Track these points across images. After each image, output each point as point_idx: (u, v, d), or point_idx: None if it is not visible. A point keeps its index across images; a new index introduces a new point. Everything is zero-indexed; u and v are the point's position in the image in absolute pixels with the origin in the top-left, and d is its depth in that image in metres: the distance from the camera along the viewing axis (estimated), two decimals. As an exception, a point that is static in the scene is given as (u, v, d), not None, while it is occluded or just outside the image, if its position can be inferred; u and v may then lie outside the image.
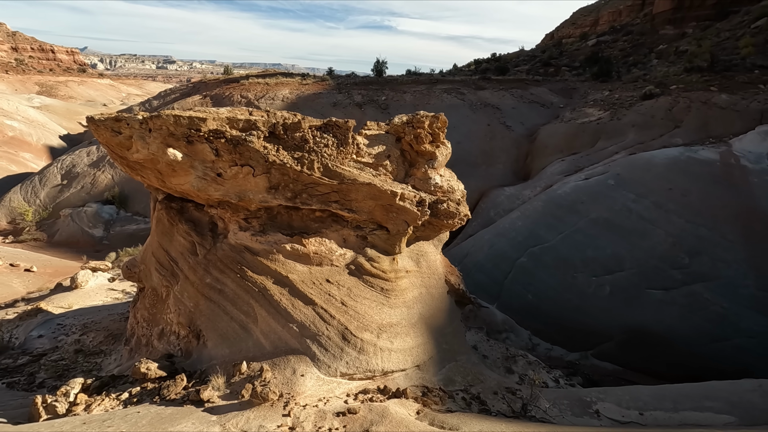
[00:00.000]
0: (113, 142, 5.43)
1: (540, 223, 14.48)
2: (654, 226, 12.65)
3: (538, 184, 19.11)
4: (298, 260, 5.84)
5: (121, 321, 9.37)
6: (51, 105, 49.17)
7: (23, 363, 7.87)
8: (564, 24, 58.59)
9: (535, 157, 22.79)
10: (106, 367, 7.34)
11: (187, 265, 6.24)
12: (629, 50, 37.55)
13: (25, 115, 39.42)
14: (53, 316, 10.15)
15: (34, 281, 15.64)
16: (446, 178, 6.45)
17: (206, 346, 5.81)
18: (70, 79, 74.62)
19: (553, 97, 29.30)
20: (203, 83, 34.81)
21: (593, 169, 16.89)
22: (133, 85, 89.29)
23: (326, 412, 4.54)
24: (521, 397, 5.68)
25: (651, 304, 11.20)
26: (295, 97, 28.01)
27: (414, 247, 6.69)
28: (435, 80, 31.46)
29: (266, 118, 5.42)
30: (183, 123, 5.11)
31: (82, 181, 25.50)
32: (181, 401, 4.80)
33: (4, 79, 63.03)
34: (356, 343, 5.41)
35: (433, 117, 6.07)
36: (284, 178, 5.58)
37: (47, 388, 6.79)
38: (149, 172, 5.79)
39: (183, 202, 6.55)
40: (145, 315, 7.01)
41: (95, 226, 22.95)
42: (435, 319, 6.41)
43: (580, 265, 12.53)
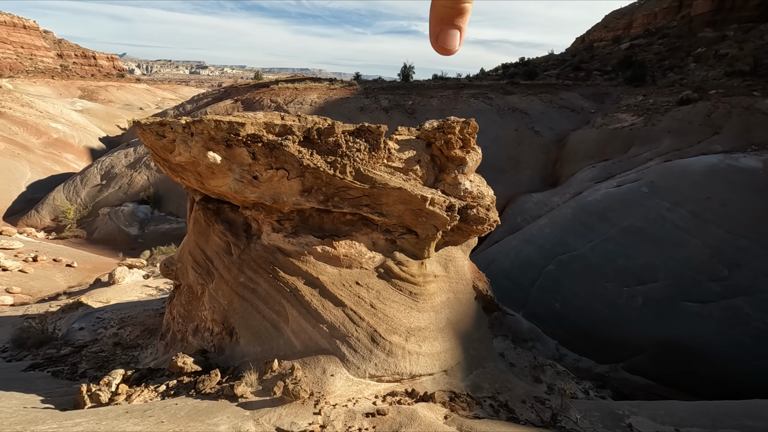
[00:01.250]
0: (157, 145, 5.70)
1: (569, 230, 14.19)
2: (690, 236, 12.20)
3: (567, 190, 18.73)
4: (328, 262, 5.96)
5: (155, 316, 9.75)
6: (92, 108, 51.67)
7: (66, 353, 8.30)
8: (596, 27, 57.30)
9: (565, 163, 22.35)
10: (143, 360, 7.65)
11: (222, 264, 6.46)
12: (665, 54, 36.39)
13: (69, 118, 41.58)
14: (93, 310, 10.66)
15: (75, 276, 16.46)
16: (476, 183, 6.45)
17: (239, 343, 5.99)
18: (109, 83, 78.21)
19: (584, 102, 28.69)
20: (234, 88, 35.84)
21: (626, 176, 16.43)
22: (168, 89, 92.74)
23: (356, 413, 4.61)
24: (551, 407, 5.60)
25: (686, 317, 10.78)
26: (323, 101, 28.48)
27: (443, 252, 6.71)
28: (462, 85, 31.35)
29: (301, 124, 5.58)
30: (223, 127, 5.32)
31: (120, 181, 26.66)
32: (215, 395, 4.97)
33: (50, 84, 66.66)
34: (385, 346, 5.46)
35: (463, 122, 6.09)
36: (317, 182, 5.72)
37: (89, 377, 7.14)
38: (189, 174, 6.04)
39: (219, 204, 6.80)
40: (181, 311, 7.28)
41: (131, 224, 23.94)
42: (463, 324, 6.39)
43: (610, 275, 12.21)
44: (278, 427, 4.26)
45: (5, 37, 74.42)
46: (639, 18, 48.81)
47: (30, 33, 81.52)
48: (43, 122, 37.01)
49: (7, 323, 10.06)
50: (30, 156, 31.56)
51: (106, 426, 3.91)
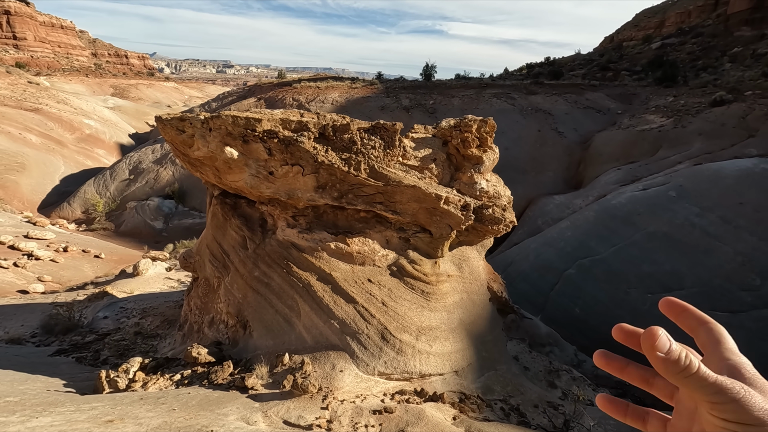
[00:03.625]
0: (177, 140, 5.84)
1: (591, 234, 13.83)
2: (721, 243, 11.70)
3: (590, 193, 18.26)
4: (341, 259, 5.98)
5: (175, 308, 10.00)
6: (122, 106, 53.49)
7: (90, 341, 8.61)
8: (625, 26, 55.66)
9: (589, 165, 21.79)
10: (161, 350, 7.86)
11: (237, 258, 6.56)
12: (698, 53, 35.04)
13: (101, 115, 43.15)
14: (117, 300, 11.03)
15: (102, 267, 17.06)
16: (492, 183, 6.36)
17: (252, 336, 6.08)
18: (140, 82, 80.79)
19: (611, 102, 27.91)
20: (258, 86, 36.45)
21: (653, 180, 15.89)
22: (195, 88, 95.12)
23: (363, 409, 4.61)
24: (564, 413, 5.47)
25: (714, 327, 10.34)
26: (344, 100, 28.64)
27: (457, 252, 6.64)
28: (485, 84, 30.98)
29: (317, 120, 5.61)
30: (240, 123, 5.40)
31: (147, 176, 27.48)
32: (227, 386, 5.06)
33: (84, 82, 69.33)
34: (395, 344, 5.44)
35: (481, 121, 6.01)
36: (332, 178, 5.74)
37: (110, 364, 7.38)
38: (208, 168, 6.17)
39: (236, 199, 6.92)
40: (198, 303, 7.44)
41: (156, 218, 24.65)
42: (475, 325, 6.31)
43: (634, 281, 11.83)
44: (286, 419, 4.30)
45: (44, 36, 77.85)
46: (672, 16, 47.14)
47: (67, 33, 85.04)
48: (77, 119, 38.54)
49: (37, 310, 10.51)
50: (64, 151, 32.91)
51: (120, 411, 4.02)
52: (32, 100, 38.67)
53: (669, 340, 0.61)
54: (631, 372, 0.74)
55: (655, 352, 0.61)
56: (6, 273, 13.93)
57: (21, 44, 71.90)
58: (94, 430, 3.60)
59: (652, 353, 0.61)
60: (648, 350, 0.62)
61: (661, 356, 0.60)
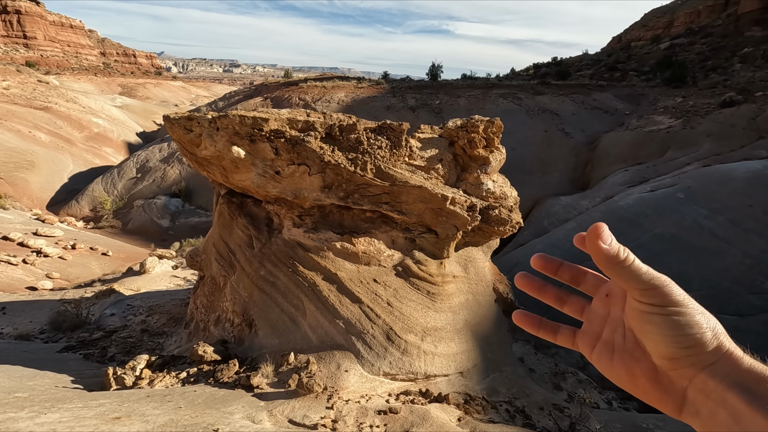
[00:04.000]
0: (185, 139, 5.88)
1: (598, 235, 13.73)
2: (729, 246, 11.58)
3: (597, 194, 18.14)
4: (347, 258, 5.99)
5: (181, 306, 10.07)
6: (130, 105, 53.91)
7: (97, 337, 8.69)
8: (634, 26, 55.21)
9: (596, 166, 21.65)
10: (168, 347, 7.91)
11: (243, 257, 6.59)
12: (708, 54, 34.68)
13: (109, 113, 43.52)
14: (124, 297, 11.11)
15: (109, 264, 17.21)
16: (499, 183, 6.33)
17: (257, 335, 6.11)
18: (147, 81, 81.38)
19: (618, 103, 27.71)
20: (264, 86, 36.57)
21: (660, 181, 15.76)
22: (202, 87, 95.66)
23: (368, 409, 4.61)
24: (569, 416, 5.43)
25: (722, 330, 10.24)
26: (350, 100, 28.67)
27: (462, 253, 6.62)
28: (491, 85, 30.88)
29: (323, 120, 5.62)
30: (247, 123, 5.42)
31: (154, 175, 27.68)
32: (232, 385, 5.08)
33: (93, 81, 69.97)
34: (400, 344, 5.44)
35: (488, 121, 5.99)
36: (338, 178, 5.75)
37: (117, 361, 7.44)
38: (215, 168, 6.20)
39: (243, 198, 6.94)
40: (204, 302, 7.48)
41: (163, 217, 24.83)
42: (481, 326, 6.29)
43: (640, 283, 11.73)
44: (291, 419, 4.31)
45: (54, 36, 78.64)
46: (681, 16, 46.69)
47: (76, 32, 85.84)
48: (85, 117, 38.89)
49: (45, 306, 10.63)
50: (72, 149, 33.23)
51: (127, 408, 4.06)
52: (42, 98, 39.09)
53: (611, 236, 0.67)
54: (548, 291, 0.82)
55: (599, 242, 0.66)
56: (15, 270, 14.10)
57: (31, 43, 72.69)
58: (102, 426, 3.64)
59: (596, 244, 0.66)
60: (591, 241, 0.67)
61: (604, 247, 0.65)
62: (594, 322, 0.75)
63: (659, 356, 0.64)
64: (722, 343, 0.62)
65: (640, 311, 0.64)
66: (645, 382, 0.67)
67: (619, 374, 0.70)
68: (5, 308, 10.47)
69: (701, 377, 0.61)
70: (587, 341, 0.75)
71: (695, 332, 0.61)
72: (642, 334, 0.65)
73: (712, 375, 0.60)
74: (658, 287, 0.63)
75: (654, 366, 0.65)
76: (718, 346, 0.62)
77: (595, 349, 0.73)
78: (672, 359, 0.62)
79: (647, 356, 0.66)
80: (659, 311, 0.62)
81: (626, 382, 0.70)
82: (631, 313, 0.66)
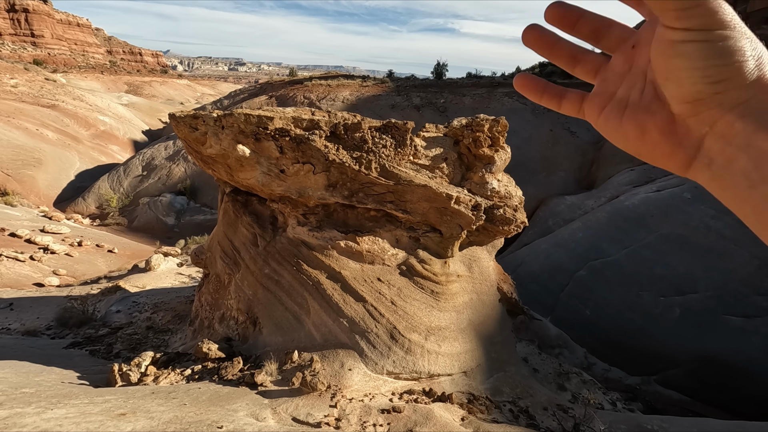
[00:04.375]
0: (190, 137, 5.90)
1: (603, 235, 13.66)
2: (737, 247, 11.46)
3: (603, 194, 18.03)
4: (351, 257, 5.99)
5: (186, 303, 10.12)
6: (136, 103, 54.21)
7: (103, 334, 8.75)
8: (642, 23, 54.76)
9: (602, 165, 21.52)
10: (172, 344, 7.96)
11: (248, 255, 6.61)
12: (716, 52, 34.32)
13: (115, 111, 43.79)
14: (129, 294, 11.19)
15: (115, 261, 17.33)
16: (504, 183, 6.31)
17: (261, 333, 6.13)
18: (153, 79, 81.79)
19: (625, 102, 27.49)
20: (269, 84, 36.63)
21: (667, 181, 15.63)
22: (207, 85, 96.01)
23: (371, 408, 4.61)
24: (573, 416, 5.41)
25: (728, 332, 10.15)
26: (354, 98, 28.65)
27: (467, 252, 6.60)
28: (496, 83, 30.74)
29: (328, 119, 5.62)
30: (252, 121, 5.43)
31: (159, 172, 27.83)
32: (237, 382, 5.10)
33: (99, 79, 70.42)
34: (404, 343, 5.44)
35: (493, 120, 5.96)
36: (342, 177, 5.75)
37: (122, 358, 7.50)
38: (220, 166, 6.22)
39: (248, 196, 6.96)
40: (209, 299, 7.51)
41: (168, 214, 24.96)
42: (485, 326, 6.28)
43: (646, 283, 11.66)
44: (294, 416, 4.32)
45: (61, 34, 79.18)
46: (689, 14, 46.27)
47: (83, 31, 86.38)
48: (92, 115, 39.15)
49: (52, 303, 10.72)
50: (79, 147, 33.47)
51: (133, 405, 4.08)
52: (49, 96, 39.39)
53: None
54: (561, 48, 0.72)
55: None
56: (23, 266, 14.23)
57: (39, 42, 73.24)
58: (107, 422, 3.66)
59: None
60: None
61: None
62: (609, 81, 0.68)
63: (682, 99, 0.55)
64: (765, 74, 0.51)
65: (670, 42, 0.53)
66: (657, 135, 0.60)
67: (627, 132, 0.63)
68: (13, 304, 10.58)
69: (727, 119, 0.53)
70: (596, 103, 0.68)
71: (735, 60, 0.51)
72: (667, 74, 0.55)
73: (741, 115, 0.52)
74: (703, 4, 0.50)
75: (671, 116, 0.58)
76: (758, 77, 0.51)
77: (603, 112, 0.66)
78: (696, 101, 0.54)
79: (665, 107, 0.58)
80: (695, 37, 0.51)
81: (634, 140, 0.63)
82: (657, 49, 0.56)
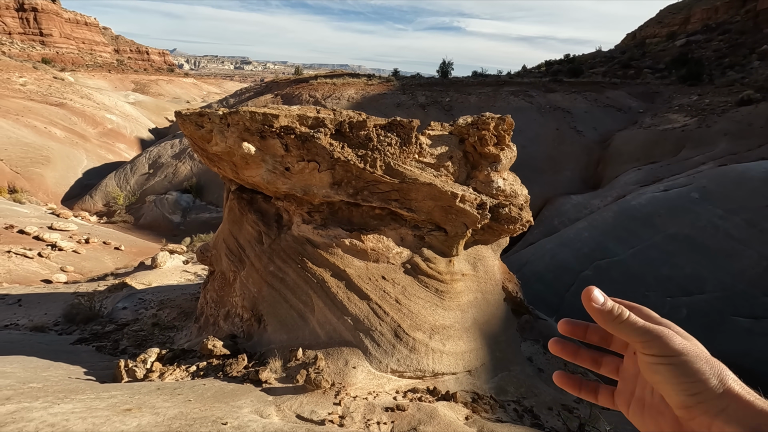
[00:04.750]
0: (196, 135, 5.92)
1: (609, 235, 13.57)
2: (745, 247, 11.34)
3: (609, 193, 17.91)
4: (355, 255, 5.99)
5: (192, 300, 10.18)
6: (143, 101, 54.55)
7: (110, 330, 8.83)
8: (649, 23, 54.22)
9: (608, 164, 21.37)
10: (178, 341, 8.01)
11: (253, 252, 6.63)
12: (725, 51, 33.95)
13: (122, 110, 44.09)
14: (135, 291, 11.27)
15: (122, 258, 17.47)
16: (509, 181, 6.27)
17: (266, 330, 6.15)
18: (160, 78, 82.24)
19: (632, 101, 27.29)
20: (275, 83, 36.72)
21: (674, 180, 15.50)
22: (213, 84, 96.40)
23: (375, 406, 4.61)
24: (578, 416, 5.38)
25: (736, 333, 10.05)
26: (360, 97, 28.65)
27: (472, 251, 6.58)
28: (502, 82, 30.62)
29: (333, 117, 5.62)
30: (258, 119, 5.44)
31: (166, 170, 28.00)
32: (241, 379, 5.12)
33: (106, 78, 70.92)
34: (408, 342, 5.43)
35: (498, 119, 5.93)
36: (347, 175, 5.75)
37: (128, 354, 7.55)
38: (225, 164, 6.24)
39: (253, 194, 6.98)
40: (214, 297, 7.55)
41: (174, 212, 25.12)
42: (489, 325, 6.25)
43: (652, 284, 11.57)
44: (299, 414, 4.33)
45: (69, 33, 79.82)
46: (697, 13, 45.75)
47: (91, 30, 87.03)
48: (99, 113, 39.45)
49: (60, 299, 10.83)
50: (87, 145, 33.74)
51: (138, 400, 4.11)
52: (57, 95, 39.73)
53: (603, 296, 0.72)
54: (583, 355, 0.84)
55: (592, 304, 0.71)
56: (31, 263, 14.38)
57: (47, 40, 73.88)
58: (113, 417, 3.69)
59: (590, 305, 0.72)
60: (587, 304, 0.72)
61: (597, 307, 0.71)
62: (627, 380, 0.77)
63: (675, 406, 0.65)
64: (730, 387, 0.62)
65: (646, 363, 0.66)
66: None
67: (649, 429, 0.71)
68: (21, 300, 10.70)
69: (717, 424, 0.61)
70: (623, 400, 0.77)
71: (699, 379, 0.62)
72: (655, 386, 0.67)
73: (726, 421, 0.60)
74: (656, 338, 0.65)
75: (676, 418, 0.66)
76: (725, 390, 0.62)
77: (630, 407, 0.75)
78: (685, 408, 0.63)
79: (670, 409, 0.67)
80: (662, 361, 0.64)
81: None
82: (641, 366, 0.68)
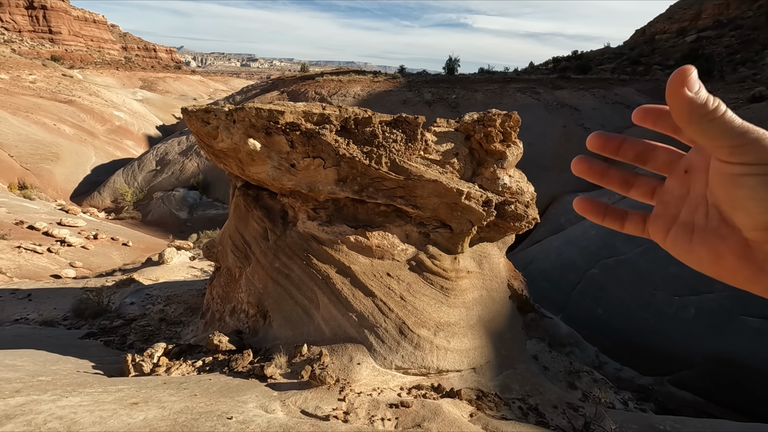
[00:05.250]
0: (202, 131, 5.94)
1: (616, 233, 13.41)
2: (755, 245, 11.20)
3: (616, 191, 17.75)
4: (360, 252, 5.99)
5: (198, 296, 10.26)
6: (150, 98, 54.90)
7: (117, 325, 8.92)
8: (658, 19, 53.53)
9: (616, 161, 21.18)
10: (184, 336, 8.08)
11: (259, 249, 6.66)
12: (737, 47, 33.45)
13: (130, 107, 44.41)
14: (143, 287, 11.38)
15: (129, 254, 17.63)
16: (515, 179, 6.23)
17: (271, 326, 6.18)
18: (167, 75, 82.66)
19: (641, 98, 26.99)
20: (281, 80, 36.77)
21: (683, 178, 15.32)
22: (220, 81, 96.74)
23: (380, 402, 4.62)
24: (584, 415, 5.36)
25: (745, 333, 9.94)
26: (366, 94, 28.61)
27: (477, 248, 6.55)
28: (509, 79, 30.41)
29: (339, 113, 5.61)
30: (263, 115, 5.45)
31: (173, 167, 28.18)
32: (246, 374, 5.15)
33: (114, 75, 71.40)
34: (413, 339, 5.43)
35: (505, 116, 5.89)
36: (352, 172, 5.74)
37: (135, 349, 7.64)
38: (231, 160, 6.26)
39: (258, 190, 7.00)
40: (220, 292, 7.60)
41: (181, 209, 25.29)
42: (495, 323, 6.24)
43: (660, 282, 11.47)
44: (303, 409, 4.35)
45: (77, 30, 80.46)
46: (709, 8, 45.08)
47: (99, 27, 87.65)
48: (107, 110, 39.77)
49: (69, 294, 10.96)
50: (95, 141, 34.04)
51: (145, 394, 4.15)
52: (66, 92, 40.10)
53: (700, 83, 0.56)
54: (612, 174, 0.73)
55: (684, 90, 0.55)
56: (41, 258, 14.56)
57: (56, 38, 74.52)
58: (120, 411, 3.73)
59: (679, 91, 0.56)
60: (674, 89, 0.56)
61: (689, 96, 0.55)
62: (669, 204, 0.67)
63: (753, 228, 0.54)
64: None
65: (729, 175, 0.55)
66: (733, 260, 0.58)
67: (700, 257, 0.61)
68: (31, 295, 10.84)
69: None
70: (660, 226, 0.67)
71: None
72: (731, 204, 0.56)
73: None
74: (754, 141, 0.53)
75: (745, 241, 0.56)
76: None
77: (670, 234, 0.65)
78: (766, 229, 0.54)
79: (736, 232, 0.57)
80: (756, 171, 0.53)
81: (709, 264, 0.61)
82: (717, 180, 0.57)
